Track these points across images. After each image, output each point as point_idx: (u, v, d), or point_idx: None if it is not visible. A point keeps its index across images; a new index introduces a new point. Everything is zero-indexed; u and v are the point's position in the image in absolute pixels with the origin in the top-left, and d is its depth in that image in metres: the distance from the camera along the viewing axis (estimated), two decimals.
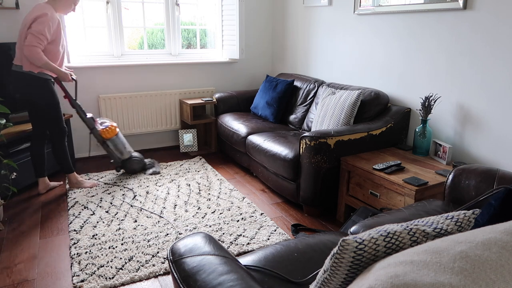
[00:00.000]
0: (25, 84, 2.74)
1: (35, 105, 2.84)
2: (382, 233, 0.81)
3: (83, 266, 2.13)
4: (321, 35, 3.74)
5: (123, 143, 3.41)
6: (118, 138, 3.37)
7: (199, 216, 2.71)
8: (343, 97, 2.93)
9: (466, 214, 0.90)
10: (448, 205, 1.76)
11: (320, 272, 0.86)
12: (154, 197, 2.99)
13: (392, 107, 2.95)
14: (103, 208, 2.80)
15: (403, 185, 2.16)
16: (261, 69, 4.60)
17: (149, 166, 3.55)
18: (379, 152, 2.73)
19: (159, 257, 2.22)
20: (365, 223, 1.62)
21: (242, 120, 3.65)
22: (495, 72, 2.32)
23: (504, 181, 1.62)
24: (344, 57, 3.50)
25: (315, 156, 2.54)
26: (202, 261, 1.14)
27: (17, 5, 3.27)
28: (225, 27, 4.21)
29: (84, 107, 3.78)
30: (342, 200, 2.65)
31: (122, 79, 3.88)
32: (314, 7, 3.79)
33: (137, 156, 3.47)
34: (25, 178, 3.07)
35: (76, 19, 3.70)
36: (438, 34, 2.63)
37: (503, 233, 0.73)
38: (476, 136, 2.49)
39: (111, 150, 3.35)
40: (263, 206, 2.91)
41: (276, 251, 1.42)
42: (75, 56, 3.72)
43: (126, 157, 3.40)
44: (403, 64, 2.93)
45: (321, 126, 3.03)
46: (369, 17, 3.17)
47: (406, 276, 0.64)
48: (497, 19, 2.27)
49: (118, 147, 3.36)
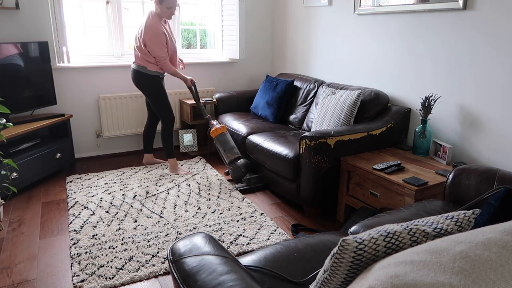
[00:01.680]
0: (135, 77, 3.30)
1: (145, 95, 3.37)
2: (382, 233, 0.81)
3: (83, 266, 2.13)
4: (321, 35, 3.74)
5: (229, 143, 3.33)
6: (223, 137, 3.34)
7: (199, 216, 2.71)
8: (343, 97, 2.93)
9: (466, 214, 0.90)
10: (448, 205, 1.76)
11: (320, 272, 0.86)
12: (154, 197, 2.99)
13: (392, 107, 2.95)
14: (103, 208, 2.80)
15: (403, 185, 2.16)
16: (261, 69, 4.60)
17: (245, 179, 3.21)
18: (379, 152, 2.73)
19: (159, 257, 2.22)
20: (365, 223, 1.62)
21: (242, 120, 3.65)
22: (495, 72, 2.33)
23: (504, 181, 1.62)
24: (344, 57, 3.50)
25: (315, 156, 2.54)
26: (202, 261, 1.14)
27: (17, 5, 3.27)
28: (225, 27, 4.21)
29: (84, 107, 3.78)
30: (342, 200, 2.65)
31: (122, 79, 3.88)
32: (314, 7, 3.79)
33: (240, 164, 3.24)
34: (25, 178, 3.07)
35: (76, 19, 3.70)
36: (438, 34, 2.63)
37: (503, 233, 0.73)
38: (476, 136, 2.49)
39: (218, 150, 3.38)
40: (263, 206, 2.91)
41: (276, 251, 1.42)
42: (75, 56, 3.72)
43: (231, 158, 3.29)
44: (403, 64, 2.93)
45: (321, 126, 3.03)
46: (369, 17, 3.17)
47: (406, 276, 0.64)
48: (497, 19, 2.27)
49: (224, 147, 3.32)
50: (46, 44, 3.36)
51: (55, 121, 3.35)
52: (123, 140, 4.05)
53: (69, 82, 3.67)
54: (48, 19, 3.44)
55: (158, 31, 3.08)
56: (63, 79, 3.64)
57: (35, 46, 3.30)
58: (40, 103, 3.40)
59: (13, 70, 3.17)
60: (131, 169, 3.59)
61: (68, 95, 3.70)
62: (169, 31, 3.25)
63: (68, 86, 3.67)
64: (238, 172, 3.23)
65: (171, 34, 3.28)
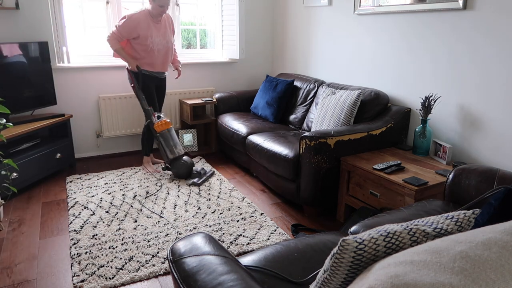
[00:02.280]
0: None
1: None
2: (382, 233, 0.81)
3: (83, 266, 2.13)
4: (321, 35, 3.74)
5: (174, 141, 3.34)
6: (169, 134, 3.33)
7: (199, 216, 2.71)
8: (343, 97, 2.93)
9: (466, 214, 0.90)
10: (448, 205, 1.76)
11: (320, 272, 0.86)
12: (154, 197, 2.99)
13: (392, 107, 2.95)
14: (103, 208, 2.80)
15: (403, 185, 2.16)
16: (261, 69, 4.60)
17: (194, 175, 3.34)
18: (379, 152, 2.73)
19: (159, 257, 2.22)
20: (365, 223, 1.62)
21: (242, 120, 3.65)
22: (495, 72, 2.33)
23: (504, 181, 1.62)
24: (344, 57, 3.50)
25: (315, 156, 2.54)
26: (202, 261, 1.14)
27: (17, 5, 3.27)
28: (225, 27, 4.21)
29: (84, 107, 3.78)
30: (342, 200, 2.65)
31: (122, 79, 3.88)
32: (314, 7, 3.79)
33: (185, 160, 3.32)
34: (25, 178, 3.07)
35: (76, 19, 3.70)
36: (438, 34, 2.63)
37: (503, 233, 0.73)
38: (476, 136, 2.49)
39: (161, 146, 3.34)
40: (263, 206, 2.91)
41: (276, 251, 1.42)
42: (75, 56, 3.72)
43: (174, 156, 3.31)
44: (403, 64, 2.93)
45: (321, 126, 3.03)
46: (369, 17, 3.17)
47: (406, 276, 0.64)
48: (497, 19, 2.27)
49: (168, 143, 3.31)
50: (46, 44, 3.36)
51: (55, 121, 3.35)
52: (123, 140, 4.05)
53: (69, 82, 3.67)
54: (48, 19, 3.44)
55: (134, 18, 3.17)
56: (63, 79, 3.64)
57: (35, 46, 3.30)
58: (40, 103, 3.40)
59: (13, 70, 3.17)
60: (131, 169, 3.59)
61: (68, 95, 3.70)
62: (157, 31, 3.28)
63: (68, 86, 3.67)
64: (187, 167, 3.28)
65: (163, 34, 3.32)
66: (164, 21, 3.35)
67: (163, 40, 3.32)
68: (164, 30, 3.34)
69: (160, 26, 3.30)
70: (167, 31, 3.37)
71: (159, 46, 3.30)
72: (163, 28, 3.32)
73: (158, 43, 3.29)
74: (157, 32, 3.28)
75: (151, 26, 3.23)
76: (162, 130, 3.32)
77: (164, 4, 3.16)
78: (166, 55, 3.39)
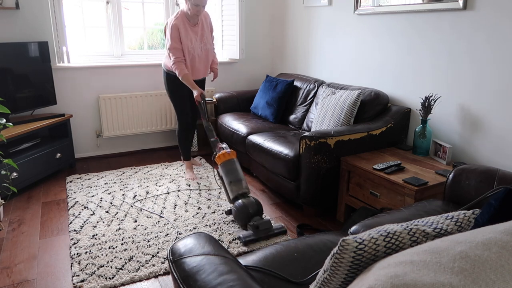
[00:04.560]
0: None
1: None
2: (382, 233, 0.81)
3: (83, 266, 2.13)
4: (321, 35, 3.74)
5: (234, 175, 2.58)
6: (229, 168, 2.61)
7: (199, 216, 2.71)
8: (343, 97, 2.93)
9: (466, 214, 0.90)
10: (448, 205, 1.76)
11: (320, 272, 0.86)
12: (154, 197, 2.99)
13: (392, 107, 2.95)
14: (103, 208, 2.80)
15: (403, 185, 2.16)
16: (261, 69, 4.60)
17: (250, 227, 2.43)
18: (379, 152, 2.73)
19: (159, 257, 2.22)
20: (365, 223, 1.62)
21: (242, 120, 3.65)
22: (495, 72, 2.32)
23: (504, 181, 1.62)
24: (344, 57, 3.50)
25: (315, 156, 2.54)
26: (202, 261, 1.14)
27: (17, 5, 3.27)
28: (225, 27, 4.21)
29: (84, 107, 3.78)
30: (342, 200, 2.64)
31: (122, 79, 3.88)
32: (314, 7, 3.79)
33: (244, 203, 2.47)
34: (25, 178, 3.07)
35: (76, 19, 3.70)
36: (438, 34, 2.63)
37: (503, 233, 0.73)
38: (476, 136, 2.49)
39: (221, 180, 2.69)
40: (263, 206, 2.91)
41: (276, 251, 1.42)
42: (75, 56, 3.72)
43: (233, 195, 2.56)
44: (403, 64, 2.93)
45: (321, 126, 3.03)
46: (369, 17, 3.17)
47: (406, 276, 0.64)
48: (497, 19, 2.27)
49: (227, 179, 2.58)
50: (46, 44, 3.36)
51: (55, 121, 3.35)
52: (123, 140, 4.05)
53: (69, 82, 3.67)
54: (48, 19, 3.44)
55: (174, 25, 3.00)
56: (63, 79, 3.64)
57: (35, 46, 3.30)
58: (40, 103, 3.40)
59: (13, 70, 3.17)
60: (131, 169, 3.59)
61: (68, 95, 3.70)
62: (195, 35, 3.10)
63: (68, 86, 3.67)
64: (243, 213, 2.45)
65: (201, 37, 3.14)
66: (202, 22, 3.15)
67: (201, 43, 3.15)
68: (202, 32, 3.14)
69: (197, 29, 3.11)
70: (205, 32, 3.17)
71: (198, 51, 3.13)
72: (200, 30, 3.13)
73: (197, 48, 3.12)
74: (195, 36, 3.10)
75: (189, 31, 3.05)
76: (221, 162, 2.64)
77: (199, 3, 2.95)
78: (206, 59, 3.23)
